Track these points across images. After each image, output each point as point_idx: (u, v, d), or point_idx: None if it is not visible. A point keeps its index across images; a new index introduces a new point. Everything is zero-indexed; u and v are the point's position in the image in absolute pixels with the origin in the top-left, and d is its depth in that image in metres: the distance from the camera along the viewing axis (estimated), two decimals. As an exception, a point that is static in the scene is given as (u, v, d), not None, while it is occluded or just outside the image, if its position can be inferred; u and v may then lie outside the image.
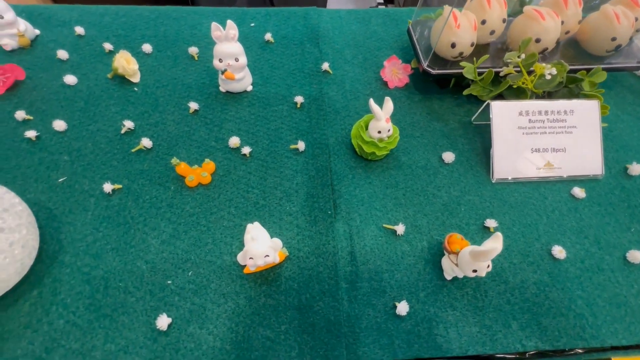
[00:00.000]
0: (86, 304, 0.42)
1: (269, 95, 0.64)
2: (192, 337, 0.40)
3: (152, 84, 0.64)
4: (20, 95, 0.61)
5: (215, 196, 0.52)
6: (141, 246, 0.46)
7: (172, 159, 0.51)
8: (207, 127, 0.59)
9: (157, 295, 0.43)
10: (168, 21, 0.75)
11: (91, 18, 0.74)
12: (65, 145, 0.55)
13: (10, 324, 0.40)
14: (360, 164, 0.56)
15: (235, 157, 0.56)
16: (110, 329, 0.40)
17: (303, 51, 0.72)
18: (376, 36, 0.76)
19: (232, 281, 0.45)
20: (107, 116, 0.59)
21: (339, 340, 0.41)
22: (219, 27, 0.56)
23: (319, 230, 0.49)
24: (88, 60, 0.67)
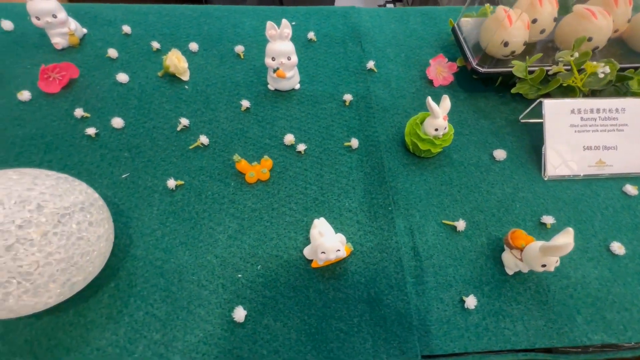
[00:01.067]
0: (162, 296, 0.43)
1: (316, 94, 0.65)
2: (268, 329, 0.42)
3: (201, 82, 0.65)
4: (75, 93, 0.62)
5: (275, 192, 0.53)
6: (209, 241, 0.48)
7: (234, 156, 0.52)
8: (259, 124, 0.60)
9: (229, 288, 0.44)
10: (211, 20, 0.76)
11: (135, 17, 0.75)
12: (124, 142, 0.56)
13: (92, 315, 0.41)
14: (413, 161, 0.57)
15: (290, 154, 0.57)
16: (188, 321, 0.42)
17: (346, 50, 0.72)
18: (416, 35, 0.77)
19: (300, 275, 0.46)
20: (161, 114, 0.60)
21: (410, 332, 0.42)
22: (274, 25, 0.57)
23: (380, 226, 0.50)
24: (137, 58, 0.68)
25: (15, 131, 0.56)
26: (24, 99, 0.59)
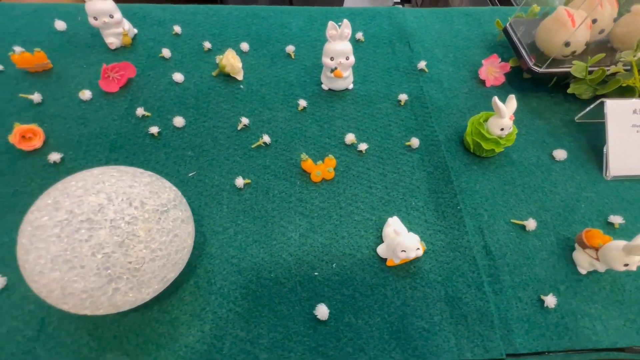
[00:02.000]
0: (243, 293, 0.43)
1: (370, 93, 0.65)
2: (350, 327, 0.42)
3: (255, 81, 0.66)
4: (132, 92, 0.62)
5: (341, 191, 0.53)
6: (282, 239, 0.48)
7: (302, 154, 0.52)
8: (317, 124, 0.60)
9: (306, 286, 0.44)
10: (258, 20, 0.76)
11: (184, 17, 0.75)
12: (186, 141, 0.57)
13: (176, 312, 0.42)
14: (474, 161, 0.57)
15: (351, 154, 0.57)
16: (270, 318, 0.42)
17: (394, 50, 0.73)
18: (461, 35, 0.77)
19: (375, 273, 0.46)
20: (219, 113, 0.61)
21: (493, 331, 0.42)
22: (335, 25, 0.57)
23: (449, 225, 0.50)
24: (189, 58, 0.68)
25: (80, 130, 0.57)
26: (86, 98, 0.60)
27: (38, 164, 0.52)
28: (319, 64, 0.69)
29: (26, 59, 0.62)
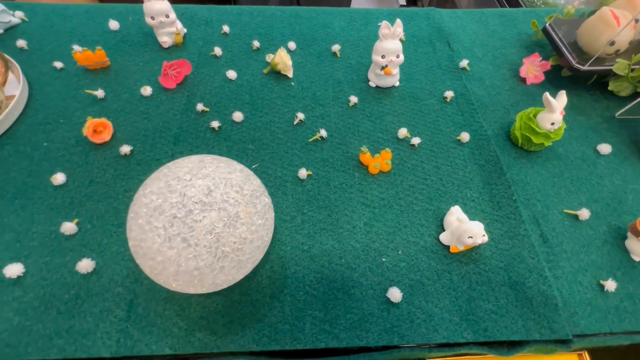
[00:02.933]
0: (317, 278, 0.45)
1: (415, 90, 0.68)
2: (422, 310, 0.44)
3: (304, 79, 0.68)
4: (189, 88, 0.65)
5: (398, 183, 0.55)
6: (347, 227, 0.50)
7: (362, 147, 0.55)
8: (369, 119, 0.63)
9: (375, 271, 0.46)
10: (301, 20, 0.79)
11: (230, 17, 0.78)
12: (245, 135, 0.59)
13: (256, 294, 0.44)
14: (522, 155, 0.59)
15: (404, 147, 0.59)
16: (346, 301, 0.44)
17: (434, 49, 0.75)
18: (497, 35, 0.79)
19: (439, 260, 0.48)
20: (274, 109, 0.63)
21: (557, 313, 0.44)
22: (389, 25, 0.60)
23: (506, 214, 0.52)
24: (239, 56, 0.71)
25: (145, 124, 0.59)
26: (147, 94, 0.62)
27: (109, 155, 0.55)
28: (363, 62, 0.72)
29: (88, 57, 0.64)
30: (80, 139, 0.56)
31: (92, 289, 0.43)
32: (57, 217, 0.49)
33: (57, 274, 0.44)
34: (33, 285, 0.43)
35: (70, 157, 0.55)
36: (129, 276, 0.44)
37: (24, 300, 0.42)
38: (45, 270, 0.44)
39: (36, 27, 0.73)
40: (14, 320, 0.41)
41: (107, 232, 0.47)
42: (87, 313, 0.42)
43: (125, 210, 0.50)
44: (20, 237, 0.46)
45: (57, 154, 0.55)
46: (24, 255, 0.45)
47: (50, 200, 0.50)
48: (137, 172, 0.53)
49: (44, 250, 0.46)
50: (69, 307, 0.42)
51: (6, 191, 0.50)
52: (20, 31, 0.72)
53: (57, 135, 0.57)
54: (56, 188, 0.51)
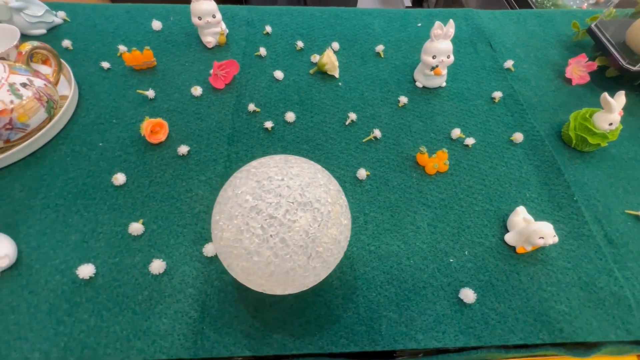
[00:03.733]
0: (387, 278, 0.45)
1: (462, 91, 0.67)
2: (495, 311, 0.43)
3: (350, 79, 0.68)
4: (237, 88, 0.64)
5: (456, 183, 0.55)
6: (411, 227, 0.50)
7: (421, 147, 0.55)
8: (420, 119, 0.62)
9: (444, 272, 0.46)
10: (341, 21, 0.79)
11: (270, 18, 0.78)
12: (299, 135, 0.59)
13: (329, 295, 0.43)
14: (575, 155, 0.59)
15: (458, 148, 0.59)
16: (419, 302, 0.44)
17: (476, 50, 0.75)
18: (537, 36, 0.79)
19: (506, 260, 0.48)
20: (324, 109, 0.63)
21: (632, 315, 0.44)
22: (442, 25, 0.59)
23: (567, 215, 0.52)
24: (283, 56, 0.71)
25: (198, 124, 0.59)
26: (197, 94, 0.62)
27: (166, 156, 0.54)
28: (407, 62, 0.72)
29: (136, 57, 0.64)
30: (135, 139, 0.56)
31: (164, 290, 0.43)
32: (120, 217, 0.48)
33: (127, 275, 0.44)
34: (105, 286, 0.43)
35: (127, 157, 0.54)
36: (199, 277, 0.44)
37: (97, 301, 0.42)
38: (116, 271, 0.44)
39: (79, 28, 0.73)
40: (90, 322, 0.40)
41: (173, 232, 0.47)
42: (162, 314, 0.41)
43: (189, 211, 0.49)
44: (87, 238, 0.46)
45: (114, 154, 0.54)
46: (93, 256, 0.45)
47: (112, 200, 0.50)
48: (196, 172, 0.53)
49: (111, 251, 0.45)
50: (143, 308, 0.41)
51: (67, 192, 0.50)
52: (63, 31, 0.72)
53: (111, 135, 0.57)
54: (117, 188, 0.51)
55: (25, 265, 0.44)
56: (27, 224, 0.47)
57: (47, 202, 0.49)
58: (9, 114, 0.48)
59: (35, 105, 0.51)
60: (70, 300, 0.41)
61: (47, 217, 0.48)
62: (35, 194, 0.50)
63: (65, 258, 0.44)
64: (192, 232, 0.47)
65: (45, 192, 0.50)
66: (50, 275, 0.43)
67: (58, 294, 0.42)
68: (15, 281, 0.43)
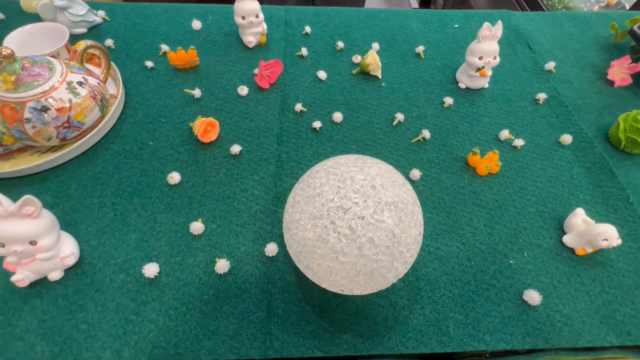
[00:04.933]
0: (450, 280, 0.45)
1: (505, 92, 0.67)
2: (560, 313, 0.43)
3: (393, 80, 0.68)
4: (281, 88, 0.64)
5: (508, 184, 0.55)
6: (468, 228, 0.49)
7: (474, 148, 0.54)
8: (466, 120, 0.62)
9: (505, 273, 0.46)
10: (378, 22, 0.79)
11: (308, 18, 0.78)
12: (347, 135, 0.59)
13: (393, 297, 0.43)
14: (624, 157, 0.59)
15: (507, 149, 0.59)
16: (483, 303, 0.43)
17: (515, 51, 0.75)
18: (574, 38, 0.79)
19: (566, 262, 0.47)
20: (369, 109, 0.63)
21: (698, 318, 0.43)
22: (490, 26, 0.59)
23: (623, 217, 0.52)
24: (324, 57, 0.71)
25: (246, 124, 0.58)
26: (243, 94, 0.62)
27: (218, 155, 0.54)
28: (447, 63, 0.72)
29: (180, 56, 0.64)
30: (185, 138, 0.56)
31: (229, 290, 0.43)
32: (178, 216, 0.48)
33: (191, 275, 0.43)
34: (170, 286, 0.43)
35: (178, 156, 0.54)
36: (262, 277, 0.44)
37: (164, 300, 0.42)
38: (179, 270, 0.44)
39: (119, 27, 0.73)
40: (159, 321, 0.40)
41: (233, 232, 0.47)
42: (229, 314, 0.41)
43: (246, 211, 0.49)
44: (147, 237, 0.46)
45: (165, 153, 0.54)
46: (154, 255, 0.45)
47: (168, 199, 0.50)
48: (249, 172, 0.53)
49: (173, 250, 0.45)
50: (210, 308, 0.41)
51: (123, 190, 0.50)
52: (103, 30, 0.72)
53: (160, 134, 0.57)
54: (172, 187, 0.51)
55: (88, 263, 0.44)
56: (86, 222, 0.47)
57: (104, 201, 0.49)
58: (67, 112, 0.48)
59: (90, 104, 0.51)
60: (136, 299, 0.41)
61: (105, 216, 0.48)
62: (91, 192, 0.50)
63: (127, 257, 0.44)
64: (251, 231, 0.47)
65: (101, 190, 0.50)
66: (114, 274, 0.43)
67: (124, 292, 0.42)
68: (80, 279, 0.42)
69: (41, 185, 0.50)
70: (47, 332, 0.39)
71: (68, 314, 0.40)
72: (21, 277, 0.39)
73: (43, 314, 0.40)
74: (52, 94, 0.47)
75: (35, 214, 0.37)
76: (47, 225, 0.39)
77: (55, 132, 0.49)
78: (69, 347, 0.38)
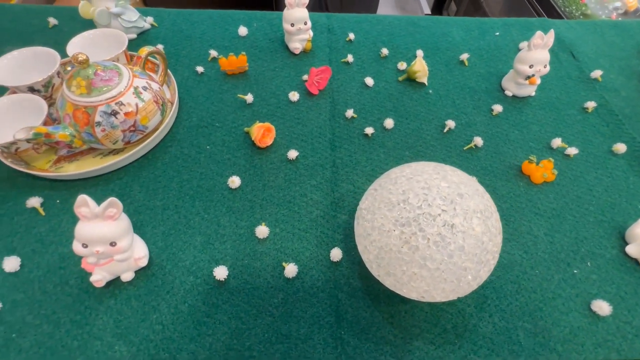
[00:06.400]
0: (515, 288, 0.44)
1: (552, 100, 0.67)
2: (629, 324, 0.43)
3: (439, 87, 0.68)
4: (330, 94, 0.65)
5: (564, 193, 0.54)
6: (529, 237, 0.49)
7: (531, 156, 0.54)
8: (516, 128, 0.62)
9: (569, 282, 0.46)
10: (419, 29, 0.79)
11: (350, 25, 0.78)
12: (399, 142, 0.59)
13: (460, 304, 0.43)
14: (679, 167, 0.59)
15: (559, 158, 0.58)
16: (551, 312, 0.43)
17: (559, 59, 0.75)
18: (616, 46, 0.79)
19: (630, 273, 0.46)
20: (419, 116, 0.63)
21: None
22: (543, 35, 0.60)
23: (685, 228, 0.51)
24: (369, 63, 0.71)
25: (299, 129, 0.59)
26: (294, 99, 0.63)
27: (275, 160, 0.55)
28: (492, 71, 0.72)
29: (231, 62, 0.65)
30: (240, 142, 0.57)
31: (297, 294, 0.43)
32: (240, 220, 0.49)
33: (259, 278, 0.44)
34: (239, 289, 0.43)
35: (235, 160, 0.55)
36: (328, 282, 0.44)
37: (234, 303, 0.42)
38: (247, 273, 0.44)
39: (167, 32, 0.74)
40: (231, 324, 0.40)
41: (297, 236, 0.47)
42: (299, 318, 0.41)
43: (307, 215, 0.50)
44: (212, 240, 0.47)
45: (223, 157, 0.55)
46: (221, 258, 0.45)
47: (230, 203, 0.50)
48: (306, 177, 0.54)
49: (239, 254, 0.46)
50: (281, 312, 0.42)
51: (184, 193, 0.51)
52: (152, 36, 0.73)
53: (216, 138, 0.57)
54: (232, 191, 0.51)
55: (157, 265, 0.44)
56: (152, 224, 0.48)
57: (167, 204, 0.50)
58: (134, 117, 0.50)
59: (153, 108, 0.52)
60: (207, 302, 0.42)
61: (169, 218, 0.48)
62: (154, 194, 0.51)
63: (195, 259, 0.45)
64: (313, 236, 0.48)
65: (163, 193, 0.51)
66: (184, 276, 0.44)
67: (195, 295, 0.42)
68: (150, 281, 0.43)
69: (105, 187, 0.51)
70: (123, 332, 0.40)
71: (142, 314, 0.41)
72: (99, 277, 0.40)
73: (118, 314, 0.41)
74: (121, 98, 0.48)
75: (117, 215, 0.38)
76: (125, 227, 0.40)
77: (121, 136, 0.50)
78: (145, 348, 0.39)
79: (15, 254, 0.44)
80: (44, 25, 0.74)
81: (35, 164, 0.51)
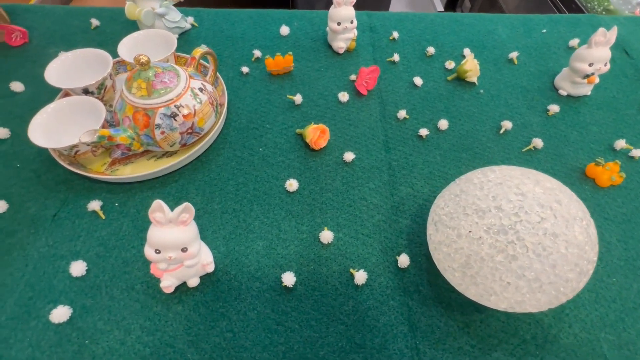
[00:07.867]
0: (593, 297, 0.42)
1: (609, 99, 0.64)
2: None
3: (489, 86, 0.66)
4: (378, 94, 0.63)
5: (633, 196, 0.52)
6: (601, 243, 0.47)
7: (598, 158, 0.52)
8: (574, 129, 0.60)
9: None
10: (463, 27, 0.77)
11: (392, 23, 0.77)
12: (454, 143, 0.57)
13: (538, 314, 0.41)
14: None
15: (624, 159, 0.56)
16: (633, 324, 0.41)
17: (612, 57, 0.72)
18: (670, 43, 0.76)
19: None
20: (471, 117, 0.61)
21: None
22: (605, 31, 0.57)
23: None
24: (415, 62, 0.70)
25: (352, 131, 0.58)
26: (344, 100, 0.61)
27: (330, 162, 0.54)
28: (542, 69, 0.69)
29: (278, 62, 0.64)
30: (292, 144, 0.56)
31: (367, 301, 0.42)
32: (301, 224, 0.48)
33: (327, 285, 0.43)
34: (307, 296, 0.42)
35: (289, 162, 0.54)
36: (397, 289, 0.43)
37: (302, 310, 0.41)
38: (314, 280, 0.43)
39: (207, 32, 0.74)
40: (302, 332, 0.39)
41: (361, 241, 0.46)
42: (372, 327, 0.40)
43: (369, 220, 0.48)
44: (274, 245, 0.46)
45: (277, 160, 0.54)
46: (285, 264, 0.44)
47: (288, 206, 0.49)
48: (364, 179, 0.52)
49: (303, 259, 0.45)
50: (353, 320, 0.40)
51: (241, 197, 0.50)
52: (193, 36, 0.73)
53: (268, 140, 0.56)
54: (290, 194, 0.50)
55: (221, 270, 0.44)
56: (212, 228, 0.47)
57: (225, 207, 0.49)
58: (192, 119, 0.49)
59: (209, 110, 0.51)
60: (275, 309, 0.41)
61: (228, 222, 0.48)
62: (211, 198, 0.50)
63: (259, 265, 0.44)
64: (377, 241, 0.46)
65: (220, 196, 0.50)
66: (250, 282, 0.43)
67: (262, 301, 0.41)
68: (216, 287, 0.42)
69: (162, 190, 0.50)
70: (194, 339, 0.39)
71: (211, 321, 0.40)
72: (169, 283, 0.39)
73: (187, 320, 0.40)
74: (180, 100, 0.48)
75: (189, 220, 0.37)
76: (195, 232, 0.39)
77: (179, 138, 0.49)
78: (218, 356, 0.38)
79: (80, 258, 0.43)
80: (85, 26, 0.74)
81: (92, 166, 0.51)
